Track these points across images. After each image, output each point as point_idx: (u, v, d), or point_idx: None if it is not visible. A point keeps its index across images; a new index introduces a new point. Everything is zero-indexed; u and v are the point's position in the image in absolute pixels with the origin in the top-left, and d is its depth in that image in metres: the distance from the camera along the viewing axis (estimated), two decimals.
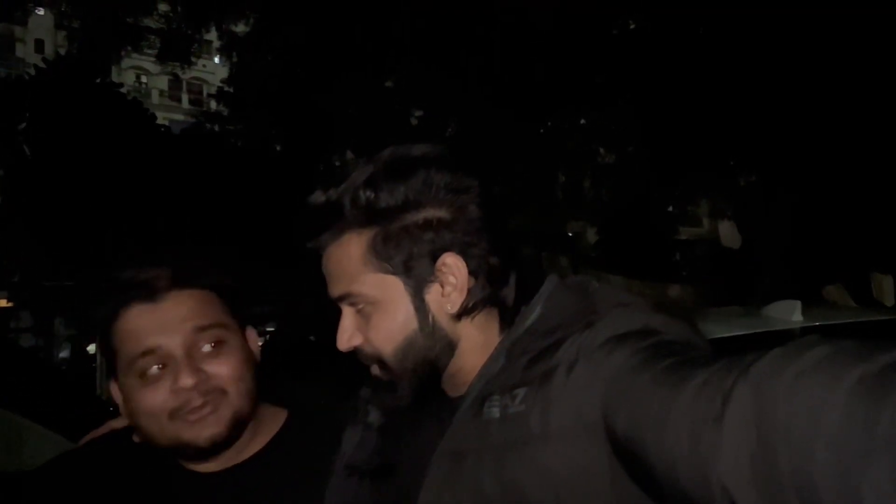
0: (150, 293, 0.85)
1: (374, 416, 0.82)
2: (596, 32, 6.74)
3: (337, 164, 9.81)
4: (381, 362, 0.73)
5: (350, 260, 0.72)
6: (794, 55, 5.86)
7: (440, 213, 0.70)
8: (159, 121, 10.65)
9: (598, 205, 11.79)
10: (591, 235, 12.41)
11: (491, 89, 6.52)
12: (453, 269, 0.70)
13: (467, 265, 0.70)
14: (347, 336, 0.75)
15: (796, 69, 5.95)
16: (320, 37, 6.91)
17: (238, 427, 0.87)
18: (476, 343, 0.74)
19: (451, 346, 0.73)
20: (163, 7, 7.95)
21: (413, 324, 0.71)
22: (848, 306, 3.71)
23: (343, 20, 6.53)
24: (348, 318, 0.75)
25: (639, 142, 8.68)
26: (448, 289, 0.71)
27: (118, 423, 1.04)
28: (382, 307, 0.72)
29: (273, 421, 0.97)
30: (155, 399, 0.83)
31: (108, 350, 0.87)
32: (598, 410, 0.58)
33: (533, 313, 0.73)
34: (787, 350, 0.45)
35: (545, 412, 0.61)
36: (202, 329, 0.86)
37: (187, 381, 0.82)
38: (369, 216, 0.71)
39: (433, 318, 0.71)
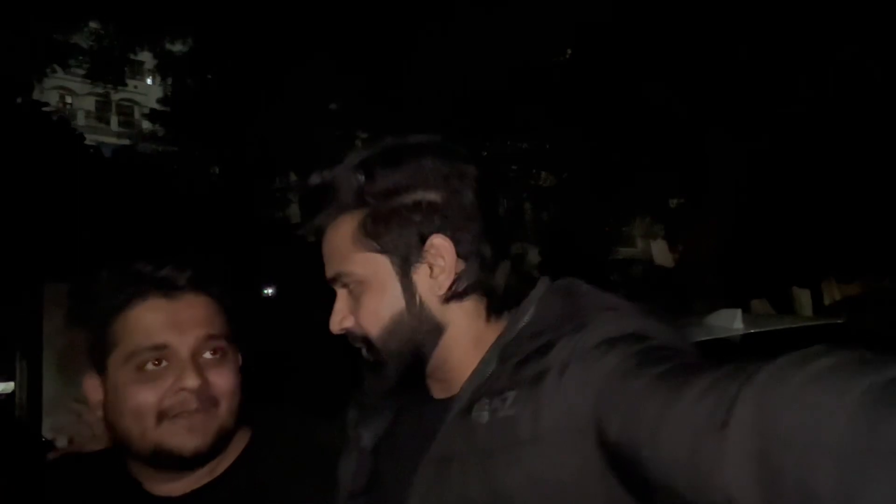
0: (168, 289, 0.84)
1: (366, 440, 0.80)
2: (537, 62, 7.01)
3: (279, 186, 9.65)
4: (369, 343, 0.72)
5: (342, 240, 0.72)
6: (718, 81, 6.28)
7: (431, 196, 0.70)
8: (87, 143, 10.14)
9: (539, 226, 12.10)
10: (534, 256, 12.69)
11: (434, 114, 6.63)
12: (441, 251, 0.70)
13: (456, 248, 0.70)
14: (340, 318, 0.74)
15: (722, 96, 6.39)
16: (262, 57, 6.84)
17: (220, 442, 0.85)
18: (463, 332, 0.72)
19: (437, 331, 0.72)
20: (94, 24, 7.64)
21: (400, 303, 0.70)
22: (782, 315, 3.96)
23: (286, 40, 6.51)
24: (341, 300, 0.74)
25: (577, 166, 9.03)
26: (436, 270, 0.70)
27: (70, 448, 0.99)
28: (371, 286, 0.71)
29: (240, 439, 0.94)
30: (150, 396, 0.80)
31: (104, 341, 0.83)
32: (590, 415, 0.57)
33: (525, 315, 0.72)
34: (792, 359, 0.45)
35: (535, 416, 0.59)
36: (211, 337, 0.85)
37: (193, 381, 0.80)
38: (361, 198, 0.71)
39: (420, 298, 0.71)
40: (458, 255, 0.70)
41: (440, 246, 0.70)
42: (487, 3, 5.77)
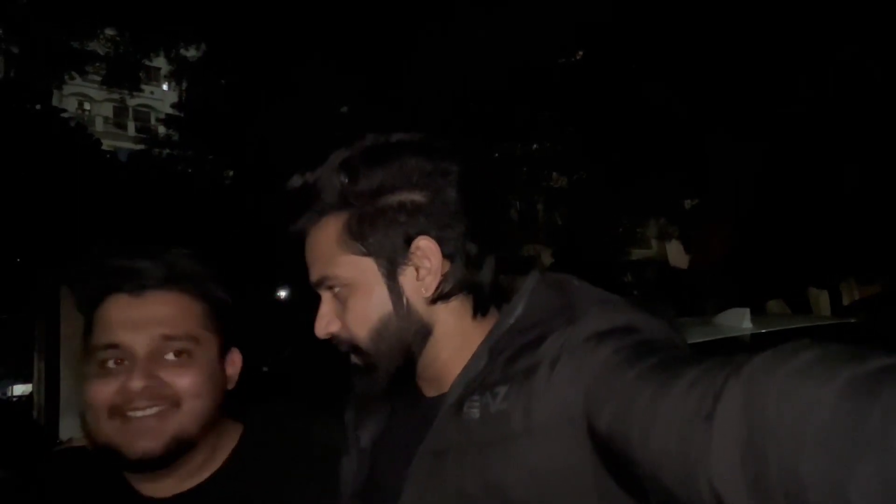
0: (136, 285, 0.83)
1: (365, 440, 0.80)
2: (537, 62, 7.00)
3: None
4: (356, 347, 0.72)
5: (326, 242, 0.71)
6: (719, 81, 6.24)
7: (415, 196, 0.69)
8: (105, 148, 10.32)
9: (552, 228, 12.07)
10: (547, 258, 12.65)
11: (434, 114, 6.64)
12: (427, 253, 0.69)
13: (442, 249, 0.69)
14: (325, 322, 0.73)
15: (723, 96, 6.34)
16: (265, 57, 6.92)
17: (177, 448, 0.81)
18: (451, 330, 0.72)
19: (425, 331, 0.71)
20: (109, 31, 7.77)
21: (387, 306, 0.70)
22: (793, 314, 3.91)
23: (288, 40, 6.58)
24: (327, 304, 0.73)
25: (589, 167, 9.00)
26: (422, 272, 0.69)
27: (79, 441, 1.00)
28: (357, 289, 0.70)
29: (230, 436, 0.93)
30: (102, 392, 0.79)
31: (87, 332, 0.84)
32: (581, 407, 0.57)
33: (515, 310, 0.71)
34: (779, 351, 0.45)
35: (527, 409, 0.60)
36: (169, 338, 0.82)
37: (137, 383, 0.79)
38: (345, 199, 0.70)
39: (407, 300, 0.70)
40: (444, 255, 0.70)
41: (426, 248, 0.69)
42: (487, 3, 5.78)
